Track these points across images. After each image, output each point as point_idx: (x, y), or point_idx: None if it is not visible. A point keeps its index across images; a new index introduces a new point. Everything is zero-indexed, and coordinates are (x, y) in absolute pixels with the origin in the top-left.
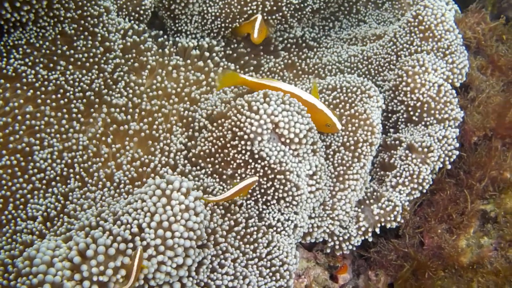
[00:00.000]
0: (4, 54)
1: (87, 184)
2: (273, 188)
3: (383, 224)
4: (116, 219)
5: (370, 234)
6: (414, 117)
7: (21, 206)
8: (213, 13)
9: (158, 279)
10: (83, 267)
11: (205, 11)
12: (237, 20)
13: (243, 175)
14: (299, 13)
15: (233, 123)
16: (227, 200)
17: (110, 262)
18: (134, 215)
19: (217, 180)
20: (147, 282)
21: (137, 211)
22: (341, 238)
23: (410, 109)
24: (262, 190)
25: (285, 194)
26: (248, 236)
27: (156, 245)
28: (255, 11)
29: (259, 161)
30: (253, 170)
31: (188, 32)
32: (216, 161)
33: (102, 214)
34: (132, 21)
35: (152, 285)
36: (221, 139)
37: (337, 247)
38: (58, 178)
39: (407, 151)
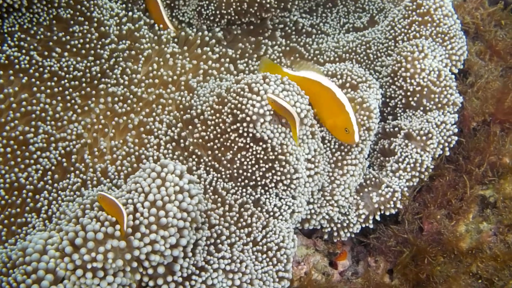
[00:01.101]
0: None
1: (81, 177)
2: (273, 171)
3: (382, 211)
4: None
5: (371, 222)
6: (412, 103)
7: (16, 192)
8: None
9: (152, 261)
10: (75, 256)
11: None
12: (232, 6)
13: (243, 159)
14: None
15: (233, 106)
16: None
17: (100, 247)
18: (128, 196)
19: (216, 166)
20: (141, 264)
21: (131, 193)
22: (339, 225)
23: (409, 94)
24: (261, 173)
25: (283, 177)
26: (242, 221)
27: (149, 223)
28: None
29: (261, 143)
30: (254, 152)
31: (186, 20)
32: (215, 146)
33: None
34: (125, 5)
35: (146, 267)
36: (221, 124)
37: (335, 233)
38: (53, 168)
39: (406, 140)
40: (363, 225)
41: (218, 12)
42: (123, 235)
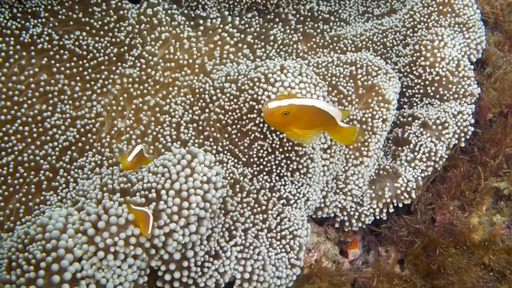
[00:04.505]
0: (22, 22)
1: (99, 156)
2: (289, 161)
3: (395, 204)
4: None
5: (384, 214)
6: (430, 92)
7: (33, 172)
8: None
9: (169, 248)
10: (97, 239)
11: None
12: None
13: (259, 147)
14: None
15: (249, 96)
16: None
17: (122, 232)
18: (154, 179)
19: (233, 150)
20: (158, 251)
21: (157, 175)
22: (352, 214)
23: (427, 83)
24: (277, 161)
25: (300, 166)
26: (257, 206)
27: (172, 212)
28: None
29: (278, 132)
30: (270, 142)
31: (205, 5)
32: (233, 132)
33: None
34: None
35: (161, 254)
36: (237, 111)
37: (346, 223)
38: (72, 146)
39: (421, 129)
40: (377, 217)
41: None
42: (145, 234)
